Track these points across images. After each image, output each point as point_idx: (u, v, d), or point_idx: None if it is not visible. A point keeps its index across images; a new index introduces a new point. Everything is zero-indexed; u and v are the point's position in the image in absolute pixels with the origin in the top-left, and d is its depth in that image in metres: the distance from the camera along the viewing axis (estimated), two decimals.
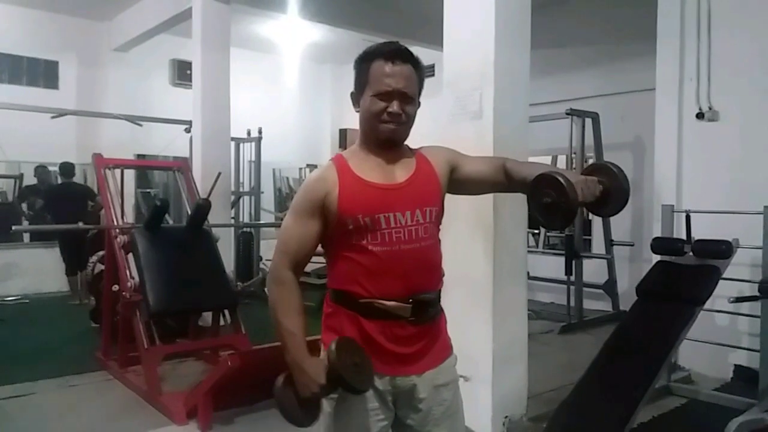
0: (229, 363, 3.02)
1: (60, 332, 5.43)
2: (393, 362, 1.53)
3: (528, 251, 3.61)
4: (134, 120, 7.11)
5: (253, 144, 7.61)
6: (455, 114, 3.17)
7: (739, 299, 3.51)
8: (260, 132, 7.39)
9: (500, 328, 3.05)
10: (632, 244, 6.00)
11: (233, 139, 6.84)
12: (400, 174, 1.56)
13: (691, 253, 3.51)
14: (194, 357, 4.42)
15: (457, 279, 1.74)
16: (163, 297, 3.71)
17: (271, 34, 8.32)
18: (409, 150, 1.64)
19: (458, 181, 1.65)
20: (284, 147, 9.17)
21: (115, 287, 4.05)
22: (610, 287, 6.09)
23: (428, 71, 2.00)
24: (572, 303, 5.88)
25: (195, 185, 4.79)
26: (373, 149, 1.57)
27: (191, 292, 3.90)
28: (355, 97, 1.58)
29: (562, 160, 6.70)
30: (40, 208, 6.99)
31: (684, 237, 3.62)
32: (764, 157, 3.97)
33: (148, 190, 8.80)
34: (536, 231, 7.40)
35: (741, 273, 3.62)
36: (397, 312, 1.51)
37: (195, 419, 3.26)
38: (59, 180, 6.95)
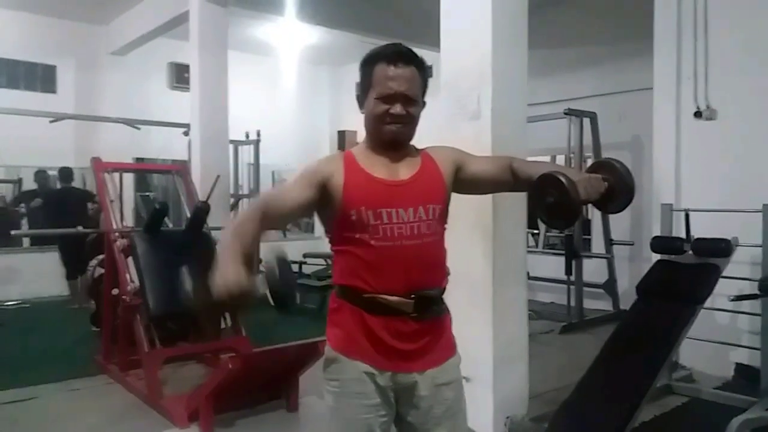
0: (230, 366, 3.01)
1: (60, 336, 5.42)
2: (395, 358, 1.54)
3: (528, 251, 3.61)
4: (132, 123, 7.12)
5: (252, 146, 7.62)
6: (453, 114, 3.16)
7: (740, 297, 3.50)
8: (259, 134, 7.40)
9: (500, 329, 3.05)
10: (632, 244, 6.00)
11: (232, 142, 6.85)
12: (405, 172, 1.58)
13: (691, 252, 3.51)
14: (195, 360, 4.41)
15: (457, 279, 1.74)
16: (163, 300, 3.71)
17: (269, 37, 8.33)
18: (415, 150, 1.65)
19: (464, 181, 1.66)
20: (283, 149, 9.16)
21: (115, 291, 4.06)
22: (610, 287, 6.10)
23: None
24: (572, 303, 5.88)
25: (194, 188, 4.79)
26: (379, 149, 1.59)
27: (191, 295, 3.90)
28: (360, 100, 1.61)
29: (561, 160, 6.71)
30: (38, 207, 6.95)
31: (683, 236, 3.61)
32: (763, 155, 3.97)
33: (147, 194, 8.79)
34: (536, 231, 7.41)
35: (741, 271, 3.62)
36: (400, 307, 1.52)
37: (196, 422, 3.25)
38: (58, 185, 6.94)
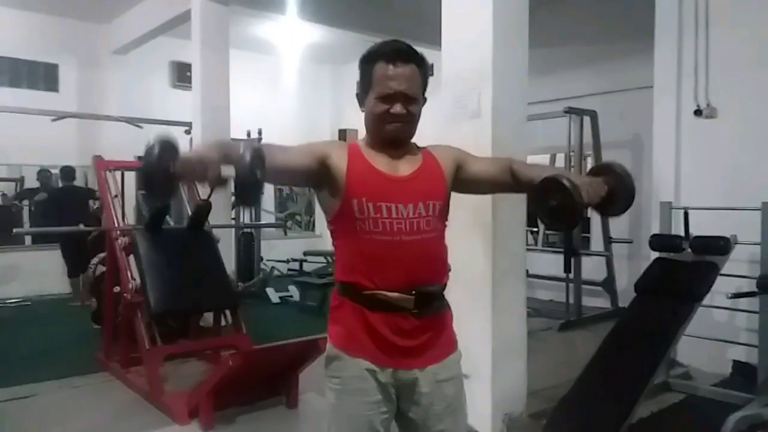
0: (231, 362, 3.03)
1: (62, 334, 5.45)
2: (396, 355, 1.55)
3: (527, 249, 3.62)
4: (134, 122, 7.13)
5: None
6: (454, 113, 3.18)
7: (738, 295, 3.51)
8: (260, 133, 7.40)
9: (499, 326, 3.07)
10: (631, 241, 6.01)
11: (233, 140, 6.85)
12: (406, 168, 1.59)
13: (690, 250, 3.52)
14: (196, 357, 4.43)
15: (456, 277, 1.75)
16: (165, 298, 3.72)
17: (270, 35, 8.32)
18: (416, 147, 1.66)
19: (464, 180, 1.67)
20: None
21: (117, 288, 4.08)
22: (609, 284, 6.11)
23: None
24: (571, 300, 5.89)
25: (195, 186, 4.80)
26: (379, 147, 1.60)
27: (192, 293, 3.92)
28: (360, 98, 1.61)
29: (561, 159, 6.71)
30: (41, 202, 6.95)
31: (682, 234, 3.62)
32: (762, 154, 3.97)
33: None
34: (535, 229, 7.41)
35: (739, 269, 3.62)
36: (400, 303, 1.53)
37: (197, 419, 3.27)
38: (60, 183, 6.96)
